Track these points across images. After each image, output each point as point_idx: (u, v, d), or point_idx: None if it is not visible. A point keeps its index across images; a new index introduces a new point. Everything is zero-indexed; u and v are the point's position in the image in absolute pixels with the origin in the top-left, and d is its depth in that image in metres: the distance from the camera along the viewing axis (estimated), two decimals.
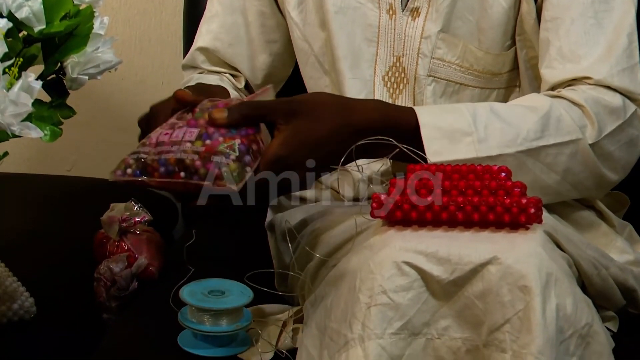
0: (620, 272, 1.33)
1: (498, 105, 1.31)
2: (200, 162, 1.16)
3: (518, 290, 1.10)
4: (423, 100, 1.42)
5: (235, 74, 1.58)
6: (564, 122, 1.29)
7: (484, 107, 1.29)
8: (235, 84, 1.57)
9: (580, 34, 1.35)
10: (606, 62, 1.34)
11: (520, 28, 1.42)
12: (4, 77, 1.14)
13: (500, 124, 1.27)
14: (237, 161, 1.16)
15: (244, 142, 1.17)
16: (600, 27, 1.35)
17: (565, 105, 1.31)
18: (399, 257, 1.12)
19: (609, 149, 1.32)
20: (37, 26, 1.20)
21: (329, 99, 1.25)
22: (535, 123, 1.28)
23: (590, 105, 1.31)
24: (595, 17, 1.35)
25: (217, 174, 1.15)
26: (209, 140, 1.17)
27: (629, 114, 1.33)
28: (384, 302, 1.11)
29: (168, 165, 1.17)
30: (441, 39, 1.41)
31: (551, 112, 1.29)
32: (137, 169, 1.19)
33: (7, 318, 1.38)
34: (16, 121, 1.15)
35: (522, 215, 1.14)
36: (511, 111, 1.30)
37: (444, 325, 1.13)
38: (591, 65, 1.34)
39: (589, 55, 1.34)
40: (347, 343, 1.12)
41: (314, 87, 1.51)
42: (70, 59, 1.23)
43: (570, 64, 1.35)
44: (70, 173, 2.12)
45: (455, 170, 1.18)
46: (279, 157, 1.19)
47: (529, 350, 1.08)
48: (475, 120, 1.26)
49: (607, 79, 1.33)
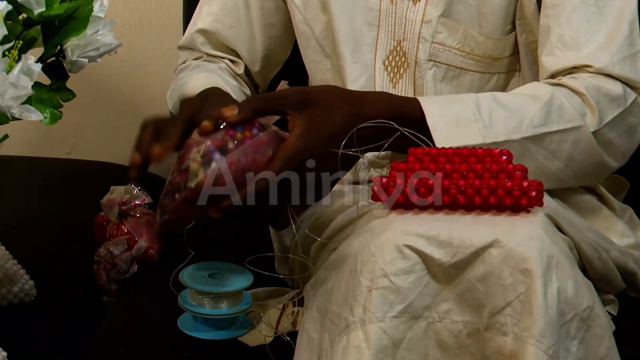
0: (621, 256, 1.33)
1: (500, 94, 1.31)
2: (179, 176, 1.19)
3: (519, 273, 1.10)
4: (423, 85, 1.42)
5: (233, 59, 1.57)
6: (566, 109, 1.29)
7: (487, 96, 1.29)
8: (234, 70, 1.56)
9: (581, 22, 1.35)
10: (607, 50, 1.33)
11: (520, 13, 1.41)
12: (3, 59, 1.14)
13: (504, 111, 1.27)
14: (199, 161, 1.17)
15: (214, 144, 1.18)
16: (601, 15, 1.35)
17: (566, 93, 1.31)
18: (400, 240, 1.12)
19: (610, 136, 1.32)
20: (37, 9, 1.19)
21: (338, 89, 1.25)
22: (538, 110, 1.28)
23: (591, 94, 1.30)
24: (596, 4, 1.35)
25: (183, 180, 1.18)
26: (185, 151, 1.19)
27: (629, 102, 1.33)
28: (385, 286, 1.11)
29: (167, 195, 1.20)
30: (442, 24, 1.41)
31: (553, 100, 1.29)
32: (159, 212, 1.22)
33: (7, 301, 1.38)
34: (16, 104, 1.15)
35: (524, 198, 1.14)
36: (513, 99, 1.30)
37: (445, 308, 1.13)
38: (592, 53, 1.34)
39: (589, 43, 1.34)
40: (348, 326, 1.12)
41: (315, 70, 1.50)
42: (70, 42, 1.23)
43: (571, 51, 1.34)
44: (71, 156, 2.12)
45: (457, 154, 1.18)
46: (298, 151, 1.18)
47: (530, 333, 1.08)
48: (479, 108, 1.26)
49: (607, 67, 1.33)
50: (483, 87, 1.43)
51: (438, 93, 1.42)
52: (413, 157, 1.18)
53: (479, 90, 1.43)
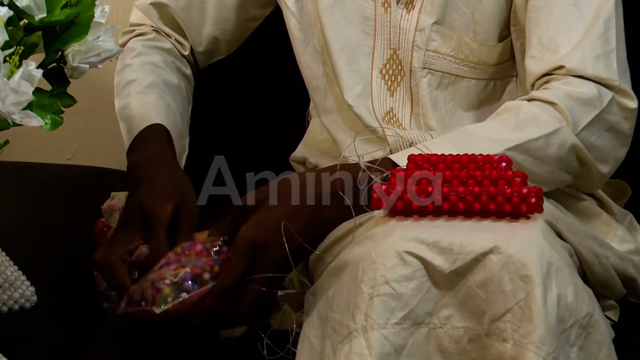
0: (621, 261, 1.33)
1: (470, 126, 1.32)
2: (150, 289, 1.24)
3: (519, 280, 1.10)
4: (419, 93, 1.43)
5: (180, 40, 1.59)
6: (541, 117, 1.29)
7: (457, 132, 1.30)
8: (180, 51, 1.59)
9: (559, 22, 1.34)
10: (580, 49, 1.33)
11: (515, 19, 1.42)
12: (4, 65, 1.14)
13: (480, 138, 1.27)
14: (172, 286, 1.23)
15: (192, 271, 1.24)
16: (579, 13, 1.34)
17: (538, 104, 1.31)
18: (401, 247, 1.12)
19: (590, 139, 1.32)
20: (38, 14, 1.20)
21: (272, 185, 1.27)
22: (514, 123, 1.28)
23: (563, 101, 1.30)
24: (575, 3, 1.34)
25: (153, 296, 1.24)
26: (163, 268, 1.25)
27: (606, 102, 1.32)
28: (386, 292, 1.11)
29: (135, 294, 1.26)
30: (435, 31, 1.41)
31: (526, 111, 1.29)
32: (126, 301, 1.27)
33: (8, 307, 1.38)
34: (17, 110, 1.15)
35: (523, 205, 1.14)
36: (486, 124, 1.31)
37: (446, 314, 1.13)
38: (567, 53, 1.33)
39: (566, 43, 1.34)
40: (350, 333, 1.12)
41: (310, 76, 1.50)
42: (72, 48, 1.23)
43: (549, 52, 1.34)
44: (71, 162, 2.12)
45: (456, 160, 1.18)
46: (249, 240, 1.22)
47: (530, 339, 1.09)
48: (453, 141, 1.27)
49: (579, 66, 1.32)
50: (479, 94, 1.44)
51: (434, 100, 1.42)
52: (412, 163, 1.18)
53: (476, 96, 1.43)
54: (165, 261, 1.27)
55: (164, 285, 1.24)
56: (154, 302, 1.24)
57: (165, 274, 1.24)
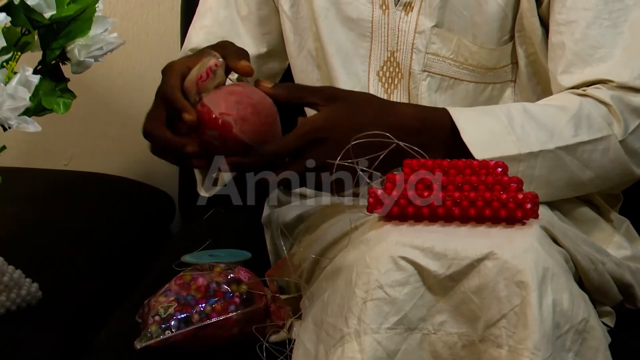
0: (617, 268, 1.33)
1: (530, 106, 1.32)
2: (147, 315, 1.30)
3: (514, 286, 1.10)
4: (418, 95, 1.42)
5: None
6: (594, 119, 1.31)
7: (517, 107, 1.31)
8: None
9: (597, 37, 1.35)
10: (627, 66, 1.34)
11: (520, 25, 1.42)
12: (2, 71, 1.14)
13: (535, 123, 1.29)
14: (159, 323, 1.28)
15: (178, 309, 1.28)
16: (615, 28, 1.35)
17: (592, 103, 1.32)
18: (395, 252, 1.12)
19: (635, 145, 1.33)
20: (48, 12, 1.20)
21: (371, 95, 1.31)
22: (568, 122, 1.30)
23: (616, 104, 1.32)
24: (609, 18, 1.35)
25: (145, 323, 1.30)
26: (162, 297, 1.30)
27: None
28: (380, 297, 1.11)
29: None
30: (435, 34, 1.41)
31: (582, 111, 1.30)
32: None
33: (16, 305, 1.39)
34: (14, 115, 1.15)
35: (519, 211, 1.14)
36: (543, 111, 1.31)
37: (440, 320, 1.13)
38: (611, 68, 1.34)
39: (607, 59, 1.34)
40: (343, 337, 1.12)
41: (304, 80, 1.50)
42: (77, 42, 1.24)
43: (589, 68, 1.35)
44: (68, 167, 2.12)
45: (452, 166, 1.18)
46: (315, 127, 1.22)
47: (525, 345, 1.08)
48: (511, 121, 1.28)
49: (629, 82, 1.33)
50: (477, 97, 1.44)
51: (433, 103, 1.42)
52: (408, 168, 1.18)
53: (474, 100, 1.43)
54: (168, 287, 1.31)
55: (152, 319, 1.28)
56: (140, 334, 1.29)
57: (158, 307, 1.28)
